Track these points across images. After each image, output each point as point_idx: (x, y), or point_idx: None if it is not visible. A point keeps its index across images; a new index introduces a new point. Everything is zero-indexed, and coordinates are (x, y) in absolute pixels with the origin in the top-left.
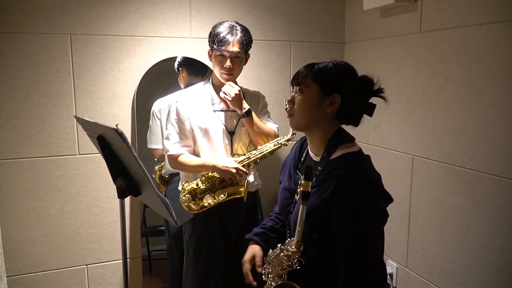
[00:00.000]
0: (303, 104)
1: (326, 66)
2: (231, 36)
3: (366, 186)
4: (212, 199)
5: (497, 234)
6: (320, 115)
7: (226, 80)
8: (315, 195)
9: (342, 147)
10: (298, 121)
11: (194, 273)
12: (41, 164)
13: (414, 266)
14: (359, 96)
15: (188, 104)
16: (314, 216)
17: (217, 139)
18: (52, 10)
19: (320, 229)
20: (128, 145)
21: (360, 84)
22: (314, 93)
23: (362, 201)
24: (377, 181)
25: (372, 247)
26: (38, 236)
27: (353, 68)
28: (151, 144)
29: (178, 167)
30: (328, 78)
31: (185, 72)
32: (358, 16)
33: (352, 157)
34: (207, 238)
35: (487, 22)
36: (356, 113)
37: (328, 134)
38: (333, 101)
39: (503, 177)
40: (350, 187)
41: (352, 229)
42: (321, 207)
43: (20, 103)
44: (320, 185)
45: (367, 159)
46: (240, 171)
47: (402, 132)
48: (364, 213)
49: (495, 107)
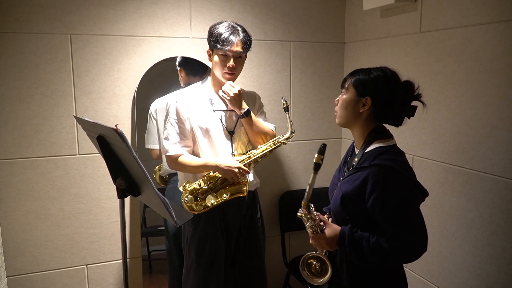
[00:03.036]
0: (342, 104)
1: (364, 72)
2: (234, 36)
3: (392, 177)
4: (214, 199)
5: (497, 234)
6: (355, 114)
7: (228, 80)
8: (349, 182)
9: (377, 142)
10: (339, 118)
11: (196, 274)
12: (41, 164)
13: (414, 266)
14: (396, 99)
15: (188, 104)
16: (347, 200)
17: (218, 138)
18: (52, 10)
19: (352, 212)
20: (128, 145)
21: (400, 89)
22: (350, 95)
23: (388, 191)
24: (404, 172)
25: (408, 225)
26: (38, 236)
27: (389, 73)
28: (149, 144)
29: (178, 168)
30: (362, 83)
31: (183, 72)
32: (358, 16)
33: (383, 150)
34: (210, 239)
35: (487, 22)
36: (396, 114)
37: (366, 131)
38: (364, 103)
39: (503, 177)
40: (377, 178)
41: (385, 216)
42: (353, 193)
43: (20, 103)
44: (353, 174)
45: (398, 154)
46: (242, 170)
47: (402, 132)
48: (392, 201)
49: (495, 107)
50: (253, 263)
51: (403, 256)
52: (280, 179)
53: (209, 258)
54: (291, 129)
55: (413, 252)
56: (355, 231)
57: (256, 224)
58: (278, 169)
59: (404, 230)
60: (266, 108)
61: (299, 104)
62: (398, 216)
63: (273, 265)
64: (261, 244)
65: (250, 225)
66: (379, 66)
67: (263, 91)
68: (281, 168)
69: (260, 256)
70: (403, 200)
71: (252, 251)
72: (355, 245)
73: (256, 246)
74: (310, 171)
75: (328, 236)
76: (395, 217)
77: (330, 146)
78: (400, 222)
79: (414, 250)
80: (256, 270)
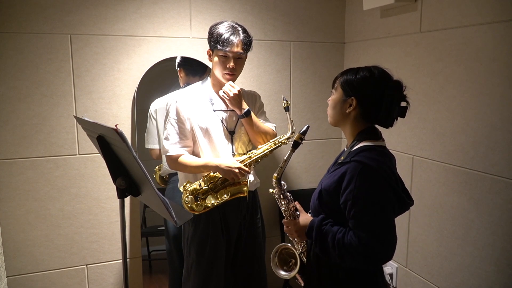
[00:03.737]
0: (330, 104)
1: (352, 72)
2: (235, 36)
3: (368, 175)
4: (215, 199)
5: (497, 234)
6: (343, 114)
7: (228, 80)
8: (329, 178)
9: (365, 141)
10: (329, 117)
11: (196, 274)
12: (41, 164)
13: (414, 266)
14: (383, 100)
15: (188, 104)
16: (324, 195)
17: (218, 139)
18: (52, 10)
19: (328, 209)
20: (128, 145)
21: (387, 89)
22: (338, 96)
23: (361, 188)
24: (383, 173)
25: (371, 230)
26: (38, 236)
27: (378, 74)
28: (148, 144)
29: (178, 168)
30: (348, 83)
31: (183, 72)
32: (358, 16)
33: (367, 148)
34: (210, 239)
35: (487, 22)
36: (384, 115)
37: (355, 131)
38: (351, 103)
39: (503, 177)
40: (353, 173)
41: (353, 213)
42: (331, 188)
43: (20, 103)
44: (335, 170)
45: (382, 154)
46: (243, 170)
47: (402, 132)
48: (362, 199)
49: (495, 107)
50: (253, 264)
51: (361, 259)
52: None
53: (209, 258)
54: (292, 129)
55: (371, 257)
56: (325, 224)
57: (256, 224)
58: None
59: (366, 234)
60: (266, 108)
61: (299, 104)
62: (365, 217)
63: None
64: (261, 244)
65: (250, 225)
66: (368, 66)
67: (263, 91)
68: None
69: (260, 256)
70: (374, 202)
71: (252, 252)
72: (321, 237)
73: (256, 246)
74: (310, 171)
75: (300, 223)
76: (361, 217)
77: (330, 146)
78: (365, 224)
79: (374, 255)
80: (256, 270)
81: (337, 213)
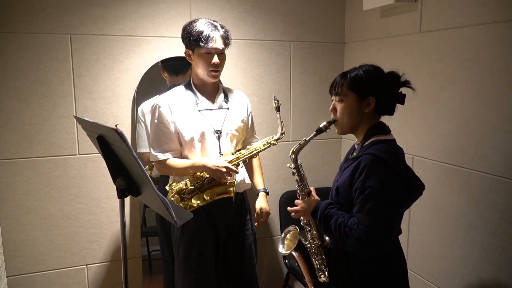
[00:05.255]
0: (344, 112)
1: (357, 74)
2: (216, 32)
3: (378, 165)
4: (201, 199)
5: (497, 234)
6: (361, 116)
7: (214, 77)
8: (344, 173)
9: (376, 136)
10: (343, 126)
11: (185, 274)
12: (41, 164)
13: (414, 266)
14: (389, 90)
15: (172, 107)
16: (341, 190)
17: (204, 139)
18: (52, 10)
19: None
20: (128, 145)
21: (389, 80)
22: (352, 100)
23: (370, 177)
24: (394, 165)
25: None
26: (38, 236)
27: (378, 69)
28: (140, 148)
29: (167, 171)
30: (361, 85)
31: (166, 73)
32: (358, 16)
33: (377, 141)
34: (197, 239)
35: (487, 22)
36: (390, 105)
37: (367, 127)
38: (368, 103)
39: (503, 177)
40: (365, 165)
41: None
42: (346, 182)
43: (20, 103)
44: (349, 164)
45: (392, 147)
46: (230, 170)
47: (402, 132)
48: (370, 188)
49: (495, 107)
50: (243, 266)
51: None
52: (280, 179)
53: (197, 258)
54: (282, 129)
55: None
56: (331, 208)
57: (245, 226)
58: (278, 169)
59: (366, 218)
60: (266, 108)
61: (299, 104)
62: (368, 204)
63: (273, 265)
64: (252, 246)
65: (239, 227)
66: (358, 66)
67: (263, 91)
68: (281, 168)
69: (250, 258)
70: (380, 191)
71: (241, 254)
72: (325, 218)
73: (245, 248)
74: (310, 171)
75: (308, 202)
76: (365, 203)
77: (330, 146)
78: (368, 210)
79: (370, 241)
80: (246, 273)
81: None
